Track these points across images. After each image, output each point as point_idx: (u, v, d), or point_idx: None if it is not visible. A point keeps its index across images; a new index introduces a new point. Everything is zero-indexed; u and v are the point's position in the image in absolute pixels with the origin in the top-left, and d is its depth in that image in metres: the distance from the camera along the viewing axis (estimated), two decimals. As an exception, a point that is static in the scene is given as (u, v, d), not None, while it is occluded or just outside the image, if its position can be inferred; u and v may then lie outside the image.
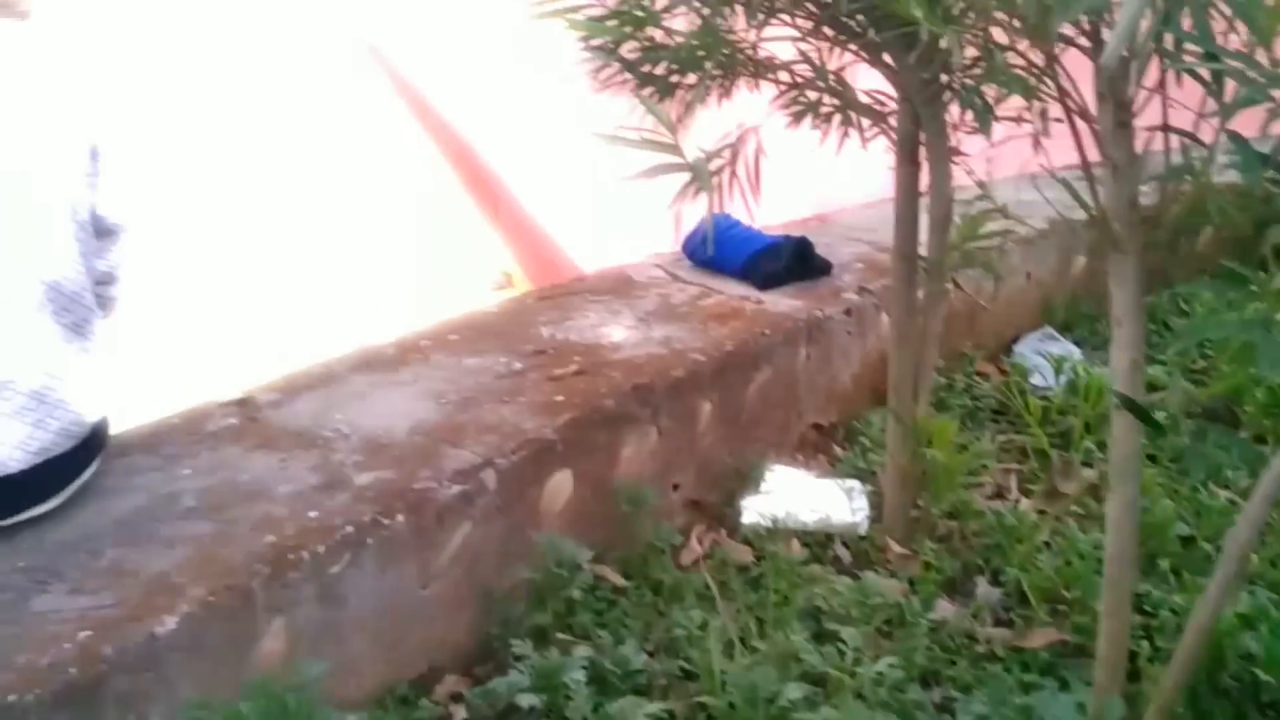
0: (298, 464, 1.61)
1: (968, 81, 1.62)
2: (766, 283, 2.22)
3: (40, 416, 1.36)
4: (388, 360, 1.95)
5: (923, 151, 1.73)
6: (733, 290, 2.24)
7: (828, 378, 2.19)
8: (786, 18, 1.70)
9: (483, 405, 1.78)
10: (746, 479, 1.97)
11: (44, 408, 1.36)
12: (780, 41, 1.75)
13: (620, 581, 1.71)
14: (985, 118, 1.56)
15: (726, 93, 1.78)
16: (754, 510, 1.89)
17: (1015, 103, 1.58)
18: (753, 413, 2.04)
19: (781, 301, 2.17)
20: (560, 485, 1.74)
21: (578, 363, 1.91)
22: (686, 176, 1.54)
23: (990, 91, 1.61)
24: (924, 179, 1.74)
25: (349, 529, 1.46)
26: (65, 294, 1.37)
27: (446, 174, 5.42)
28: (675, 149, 1.56)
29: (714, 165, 1.58)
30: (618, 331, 2.05)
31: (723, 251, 2.31)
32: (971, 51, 1.65)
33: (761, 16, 1.62)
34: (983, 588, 1.72)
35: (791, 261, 2.25)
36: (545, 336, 2.04)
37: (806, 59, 1.79)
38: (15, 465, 1.36)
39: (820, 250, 2.34)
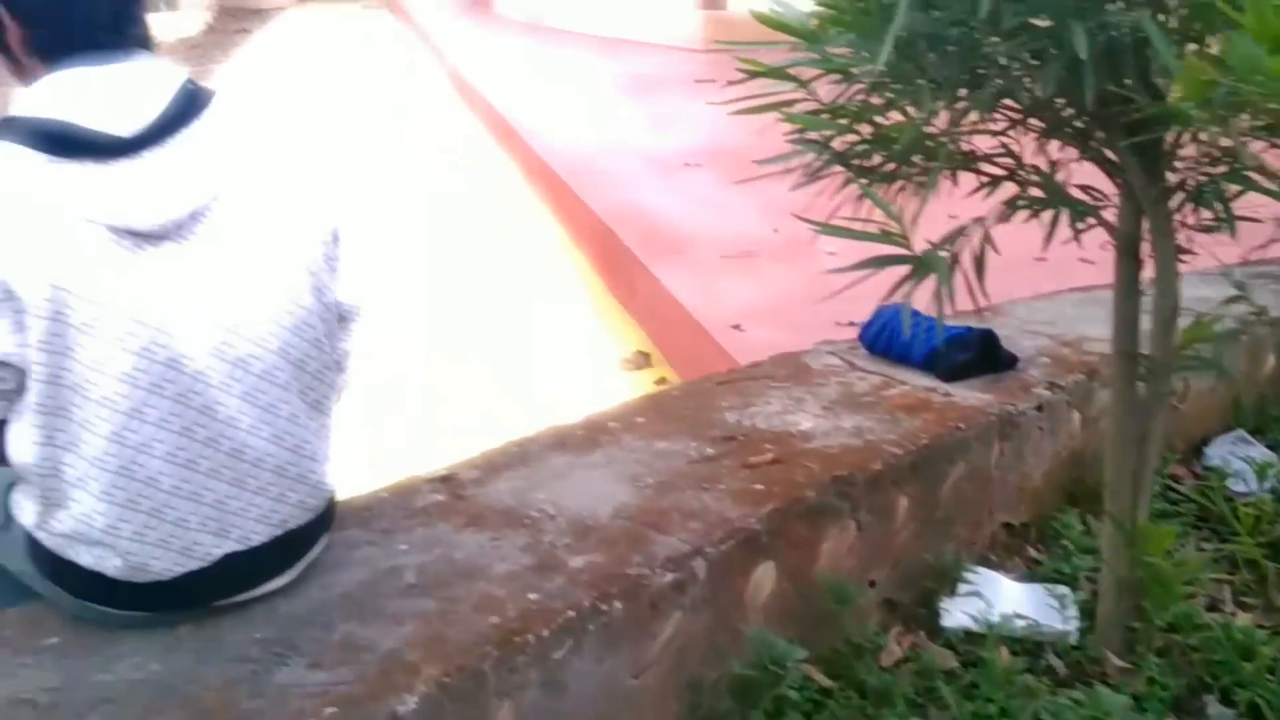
0: (509, 544, 1.62)
1: (1203, 179, 1.59)
2: (952, 374, 2.18)
3: (282, 490, 1.39)
4: (579, 441, 1.96)
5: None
6: (916, 381, 2.20)
7: (1019, 475, 2.12)
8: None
9: (682, 491, 1.77)
10: (944, 579, 1.90)
11: (285, 482, 1.39)
12: (981, 134, 1.74)
13: (825, 681, 1.66)
14: (1228, 217, 1.52)
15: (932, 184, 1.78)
16: (956, 612, 1.82)
17: (1251, 199, 1.55)
18: (946, 510, 1.99)
19: (970, 395, 2.12)
20: (764, 578, 1.71)
21: (771, 451, 1.89)
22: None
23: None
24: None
25: (570, 614, 1.45)
26: (309, 373, 1.40)
27: (577, 253, 5.52)
28: (904, 240, 1.56)
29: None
30: (805, 420, 2.02)
31: (901, 341, 2.27)
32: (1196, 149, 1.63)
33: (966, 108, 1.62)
34: (1214, 708, 1.61)
35: (978, 354, 2.20)
36: (732, 422, 2.02)
37: (1010, 153, 1.78)
38: (257, 539, 1.39)
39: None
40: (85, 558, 1.30)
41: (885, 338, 2.32)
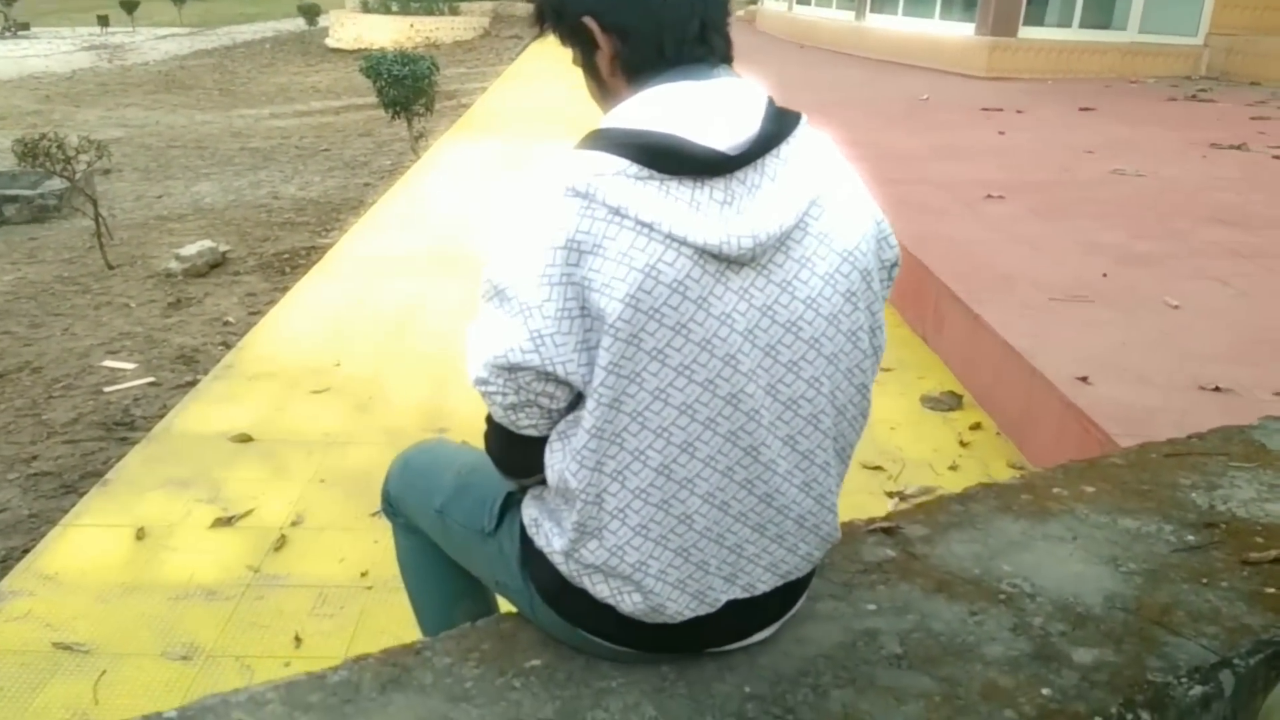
0: (992, 621, 1.44)
1: None
2: None
3: (796, 541, 1.26)
4: (1026, 506, 1.76)
5: None
6: None
7: None
8: None
9: (1177, 584, 1.53)
10: None
11: (801, 532, 1.26)
12: None
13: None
14: None
15: None
16: None
17: None
18: None
19: None
20: (1276, 701, 1.45)
21: (1270, 547, 1.63)
22: None
23: None
24: None
25: (1098, 721, 1.26)
26: (846, 419, 1.26)
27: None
28: None
29: None
30: (1294, 513, 1.74)
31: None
32: None
33: None
34: None
35: None
36: (1203, 506, 1.76)
37: None
38: (761, 588, 1.27)
39: None
40: (602, 589, 1.22)
41: (1363, 422, 1.99)
